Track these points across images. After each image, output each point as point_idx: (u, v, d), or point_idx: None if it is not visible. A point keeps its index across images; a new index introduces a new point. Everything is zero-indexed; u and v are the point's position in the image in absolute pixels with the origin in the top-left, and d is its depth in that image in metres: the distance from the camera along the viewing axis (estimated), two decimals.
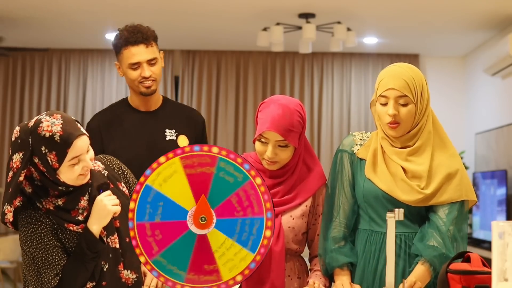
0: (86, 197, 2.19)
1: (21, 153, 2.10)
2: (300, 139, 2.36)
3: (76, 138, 2.09)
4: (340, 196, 2.36)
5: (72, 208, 2.16)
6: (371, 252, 2.30)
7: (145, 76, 2.81)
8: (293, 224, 2.36)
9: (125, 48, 2.81)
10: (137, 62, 2.80)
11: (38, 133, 2.08)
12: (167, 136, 2.88)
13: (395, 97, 2.24)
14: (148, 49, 2.82)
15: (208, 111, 8.24)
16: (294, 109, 2.32)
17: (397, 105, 2.24)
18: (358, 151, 2.36)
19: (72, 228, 2.16)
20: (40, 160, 2.10)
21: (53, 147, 2.07)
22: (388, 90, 2.24)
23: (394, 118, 2.24)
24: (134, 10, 6.42)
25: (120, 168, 2.40)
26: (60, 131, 2.08)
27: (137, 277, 2.29)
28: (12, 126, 8.24)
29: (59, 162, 2.09)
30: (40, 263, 2.12)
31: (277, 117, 2.28)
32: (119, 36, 2.84)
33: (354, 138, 2.41)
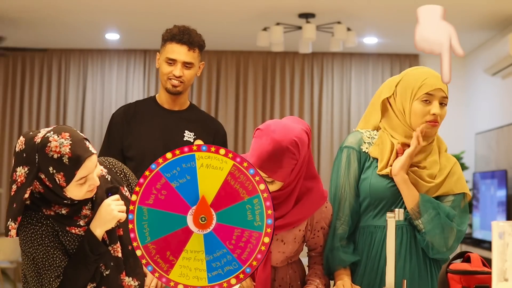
0: (88, 206, 2.17)
1: (27, 168, 2.07)
2: (293, 172, 2.20)
3: (85, 160, 2.06)
4: (346, 195, 2.37)
5: (74, 215, 2.15)
6: (374, 249, 2.31)
7: (175, 74, 2.90)
8: (284, 249, 2.31)
9: (170, 43, 2.91)
10: (174, 59, 2.90)
11: (46, 153, 2.04)
12: (185, 137, 2.93)
13: (440, 97, 2.32)
14: (189, 53, 2.91)
15: (208, 111, 8.24)
16: (286, 146, 2.13)
17: (439, 106, 2.33)
18: (370, 150, 2.37)
19: (74, 231, 2.15)
20: (47, 177, 2.07)
21: (61, 168, 2.03)
22: (436, 89, 2.32)
23: (436, 117, 2.31)
24: (134, 10, 6.42)
25: (122, 171, 2.39)
26: (69, 152, 2.04)
27: (139, 285, 2.28)
28: (12, 126, 8.24)
29: (66, 182, 2.05)
30: (41, 265, 2.10)
31: (265, 155, 2.14)
32: (169, 30, 2.94)
33: (362, 135, 2.40)
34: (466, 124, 7.99)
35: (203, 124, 3.01)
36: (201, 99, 8.29)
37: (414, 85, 2.32)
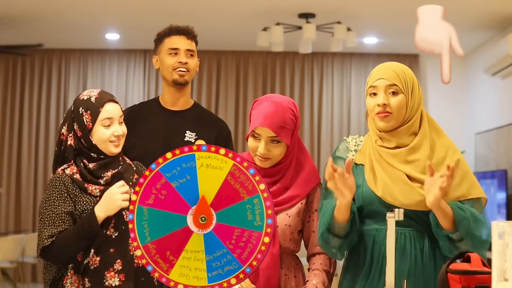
0: (114, 170, 2.44)
1: (66, 123, 2.46)
2: (293, 137, 2.38)
3: (108, 101, 2.44)
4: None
5: (99, 176, 2.42)
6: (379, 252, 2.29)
7: (182, 61, 2.93)
8: (290, 222, 2.38)
9: (168, 37, 2.97)
10: (176, 47, 2.95)
11: (79, 98, 2.47)
12: (186, 137, 2.94)
13: (384, 87, 2.24)
14: (189, 42, 2.98)
15: None
16: (287, 106, 2.35)
17: (387, 95, 2.24)
18: (356, 157, 2.34)
19: (91, 188, 2.39)
20: (78, 124, 2.42)
21: (89, 107, 2.42)
22: (378, 80, 2.25)
23: (384, 108, 2.23)
24: (134, 10, 6.43)
25: None
26: (96, 95, 2.46)
27: None
28: (12, 126, 8.24)
29: (92, 121, 2.41)
30: (42, 222, 2.35)
31: (270, 114, 2.32)
32: (164, 29, 3.01)
33: (348, 144, 2.38)
34: (466, 124, 7.99)
35: (205, 124, 3.01)
36: (201, 99, 8.29)
37: (366, 83, 2.31)
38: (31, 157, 8.19)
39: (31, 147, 8.20)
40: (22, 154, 8.16)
